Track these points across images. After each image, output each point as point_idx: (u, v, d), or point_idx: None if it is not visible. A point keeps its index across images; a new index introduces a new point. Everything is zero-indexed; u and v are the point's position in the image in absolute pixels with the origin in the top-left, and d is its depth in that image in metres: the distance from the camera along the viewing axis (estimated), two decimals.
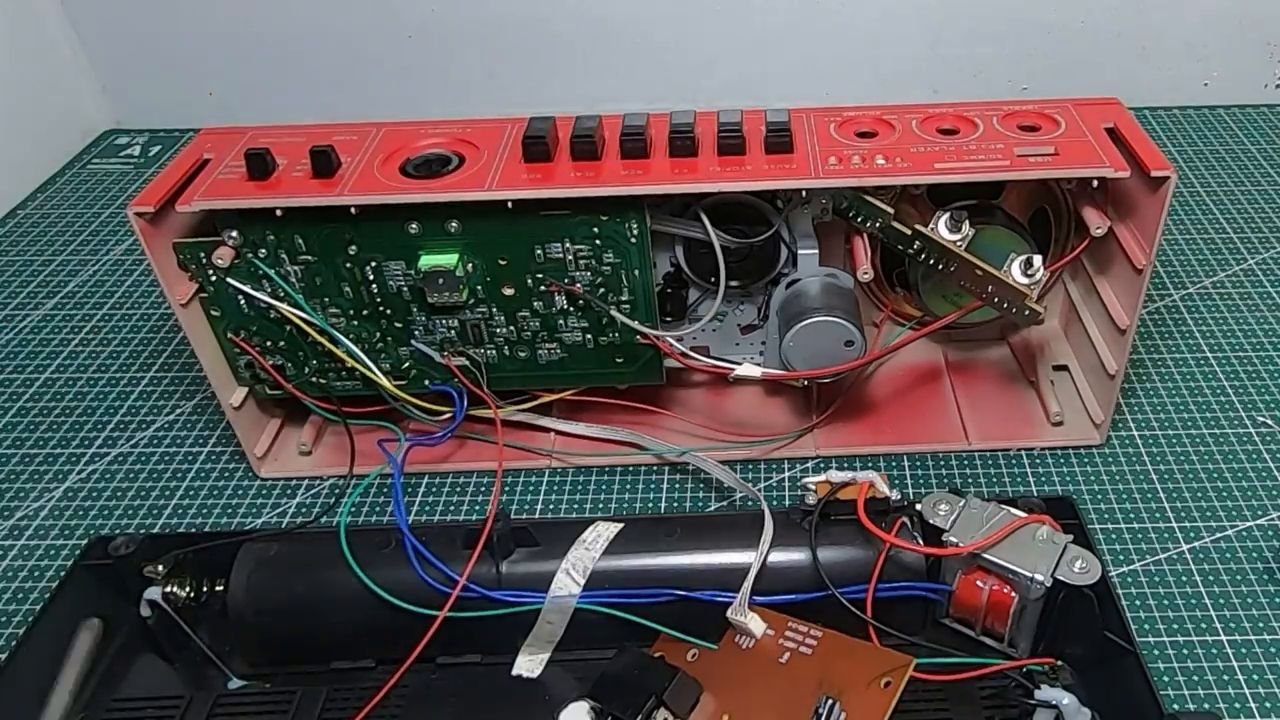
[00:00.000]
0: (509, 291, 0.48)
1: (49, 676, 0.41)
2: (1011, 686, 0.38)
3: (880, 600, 0.40)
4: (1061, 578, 0.38)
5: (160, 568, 0.42)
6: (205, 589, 0.43)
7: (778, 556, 0.42)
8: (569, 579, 0.41)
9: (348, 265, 0.47)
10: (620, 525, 0.43)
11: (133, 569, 0.43)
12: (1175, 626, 0.44)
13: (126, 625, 0.43)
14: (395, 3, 0.80)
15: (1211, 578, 0.46)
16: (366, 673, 0.42)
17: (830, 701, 0.36)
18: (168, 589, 0.42)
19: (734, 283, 0.49)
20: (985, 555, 0.39)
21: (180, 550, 0.43)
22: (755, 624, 0.40)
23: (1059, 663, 0.38)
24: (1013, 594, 0.39)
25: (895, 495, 0.42)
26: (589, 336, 0.49)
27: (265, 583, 0.42)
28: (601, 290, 0.47)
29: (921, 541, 0.41)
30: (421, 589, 0.41)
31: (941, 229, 0.45)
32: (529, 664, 0.42)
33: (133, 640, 0.43)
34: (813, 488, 0.43)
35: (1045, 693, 0.36)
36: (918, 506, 0.41)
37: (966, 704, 0.40)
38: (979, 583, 0.40)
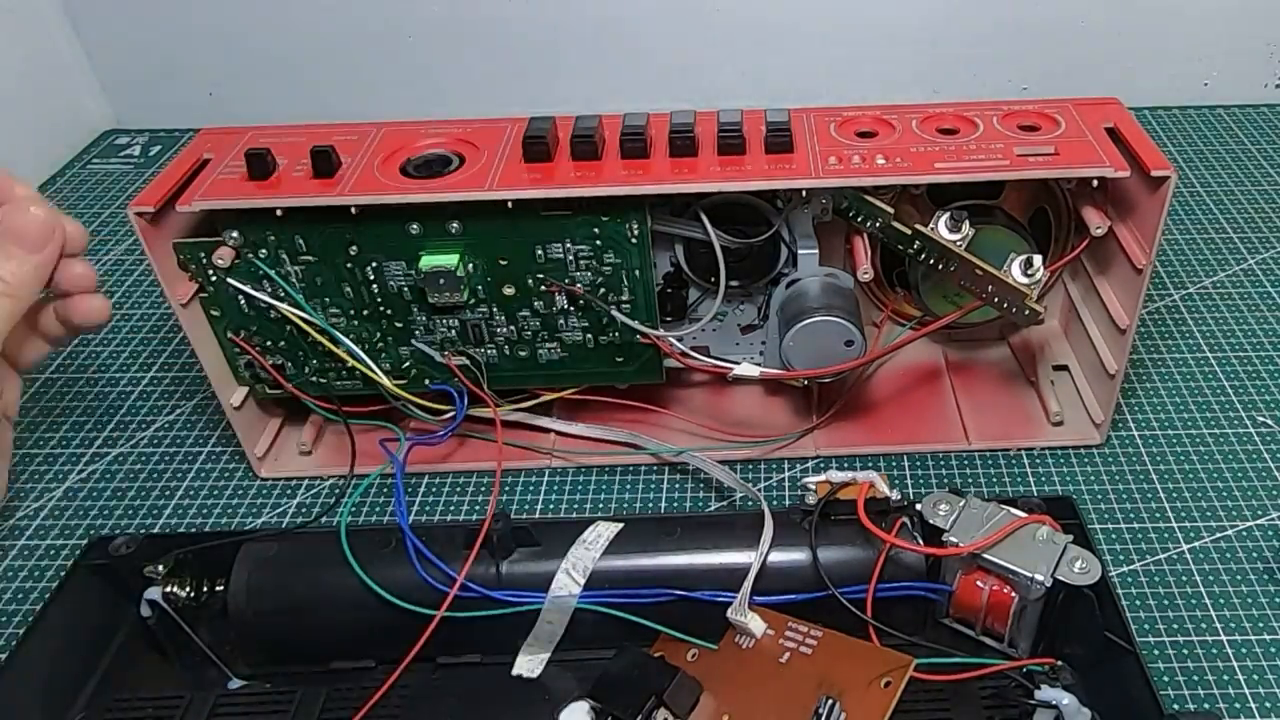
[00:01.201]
0: (509, 291, 0.48)
1: (50, 676, 0.41)
2: (1011, 686, 0.38)
3: (880, 600, 0.40)
4: (1061, 578, 0.38)
5: (160, 568, 0.42)
6: (205, 589, 0.43)
7: (778, 556, 0.42)
8: (569, 579, 0.41)
9: (348, 265, 0.47)
10: (620, 525, 0.43)
11: (133, 569, 0.43)
12: (1175, 626, 0.44)
13: (127, 625, 0.44)
14: (395, 3, 0.80)
15: (1211, 578, 0.46)
16: (366, 673, 0.42)
17: (830, 702, 0.36)
18: (168, 589, 0.42)
19: (734, 283, 0.49)
20: (985, 555, 0.39)
21: (180, 550, 0.43)
22: (755, 624, 0.40)
23: (1059, 663, 0.38)
24: (1013, 594, 0.39)
25: (895, 495, 0.42)
26: (589, 336, 0.49)
27: (265, 583, 0.42)
28: (602, 290, 0.47)
29: (921, 541, 0.41)
30: (422, 589, 0.41)
31: (941, 229, 0.45)
32: (529, 664, 0.42)
33: (133, 640, 0.44)
34: (813, 488, 0.43)
35: (1045, 693, 0.36)
36: (918, 506, 0.41)
37: (967, 704, 0.40)
38: (979, 583, 0.40)
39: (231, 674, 0.43)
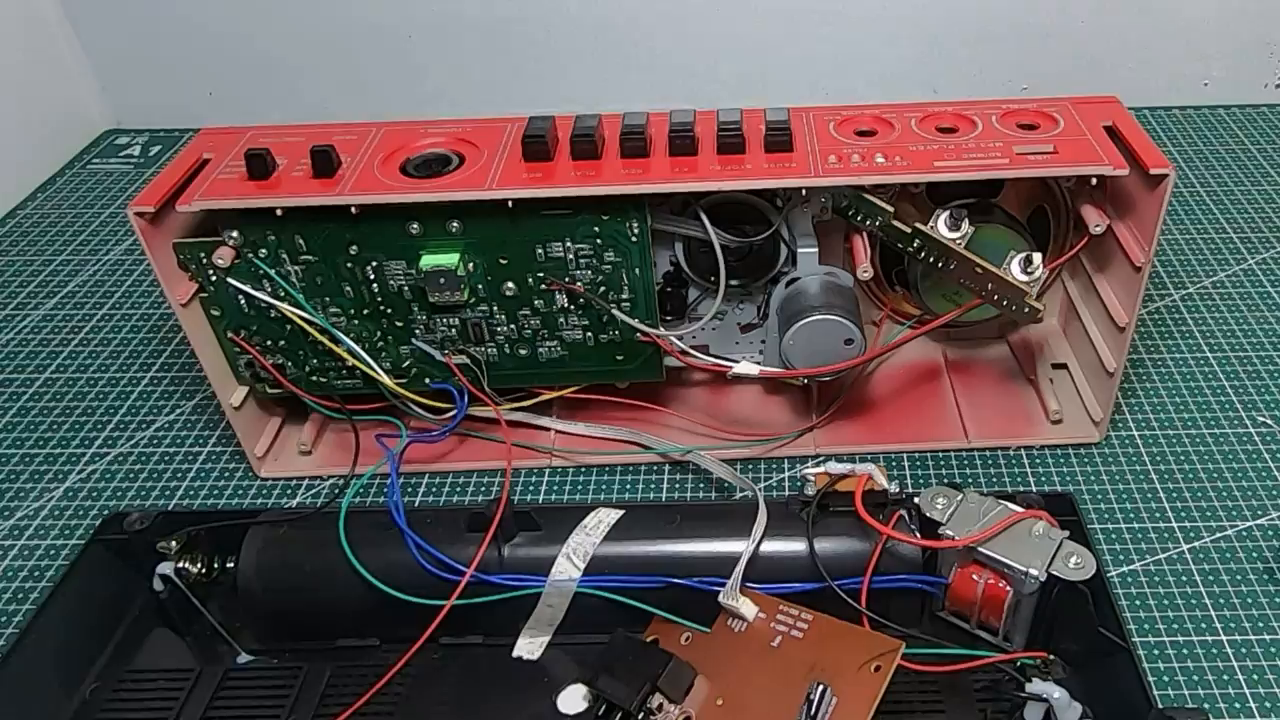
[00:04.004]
0: (510, 290, 0.48)
1: (64, 647, 0.43)
2: (1004, 679, 0.38)
3: (877, 592, 0.40)
4: (1056, 573, 0.38)
5: (173, 544, 0.44)
6: (216, 566, 0.45)
7: (775, 546, 0.42)
8: (569, 563, 0.41)
9: (348, 265, 0.47)
10: (621, 512, 0.43)
11: (146, 545, 0.44)
12: (1175, 626, 0.44)
13: (139, 599, 0.45)
14: (395, 3, 0.80)
15: (1211, 578, 0.46)
16: (371, 650, 0.43)
17: (821, 687, 0.36)
18: (180, 565, 0.44)
19: (734, 281, 0.49)
20: (981, 549, 0.39)
21: (193, 527, 0.44)
22: (746, 608, 0.40)
23: (1051, 657, 0.38)
24: (1007, 588, 0.39)
25: (893, 488, 0.42)
26: (589, 335, 0.49)
27: (274, 561, 0.43)
28: (602, 289, 0.47)
29: (919, 534, 0.41)
30: (426, 574, 0.41)
31: (941, 227, 0.45)
32: (529, 646, 0.43)
33: (146, 614, 0.45)
34: (812, 479, 0.43)
35: (1037, 686, 0.37)
36: (915, 500, 0.41)
37: (959, 696, 0.40)
38: (974, 576, 0.40)
39: (240, 649, 0.44)
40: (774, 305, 0.50)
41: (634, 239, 0.46)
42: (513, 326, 0.49)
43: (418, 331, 0.49)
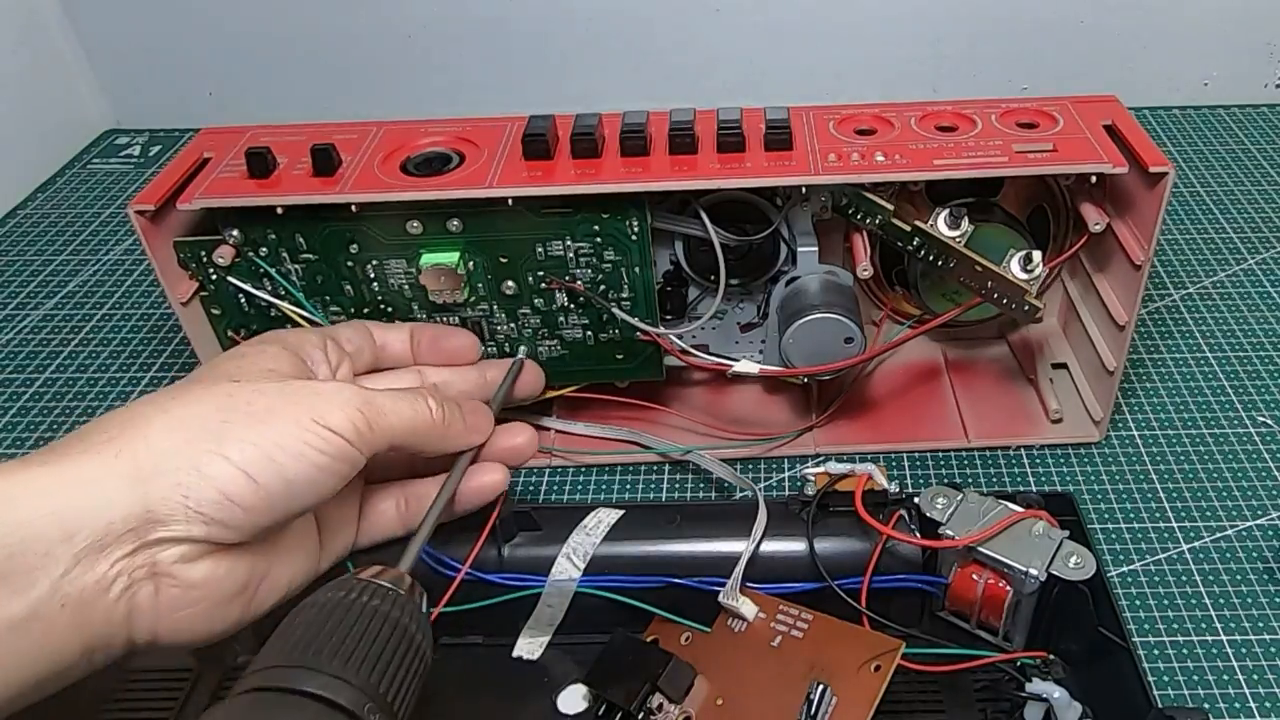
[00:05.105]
0: (510, 289, 0.48)
1: None
2: (1003, 679, 0.38)
3: (877, 592, 0.40)
4: (1056, 572, 0.38)
5: None
6: None
7: (775, 546, 0.42)
8: (569, 563, 0.41)
9: (349, 264, 0.47)
10: (621, 512, 0.43)
11: None
12: (1175, 626, 0.44)
13: None
14: (395, 3, 0.80)
15: (1211, 578, 0.46)
16: None
17: (821, 686, 0.36)
18: None
19: (734, 280, 0.49)
20: (981, 549, 0.39)
21: None
22: (746, 608, 0.40)
23: (1051, 656, 0.38)
24: (1007, 588, 0.39)
25: (893, 488, 0.42)
26: (589, 333, 0.49)
27: None
28: (602, 288, 0.47)
29: (918, 534, 0.41)
30: (425, 575, 0.41)
31: (941, 225, 0.45)
32: (529, 646, 0.42)
33: None
34: (812, 479, 0.43)
35: (1036, 685, 0.36)
36: (915, 500, 0.41)
37: (959, 695, 0.40)
38: (974, 576, 0.40)
39: (240, 649, 0.43)
40: (774, 304, 0.50)
41: (634, 237, 0.46)
42: (513, 325, 0.49)
43: None
